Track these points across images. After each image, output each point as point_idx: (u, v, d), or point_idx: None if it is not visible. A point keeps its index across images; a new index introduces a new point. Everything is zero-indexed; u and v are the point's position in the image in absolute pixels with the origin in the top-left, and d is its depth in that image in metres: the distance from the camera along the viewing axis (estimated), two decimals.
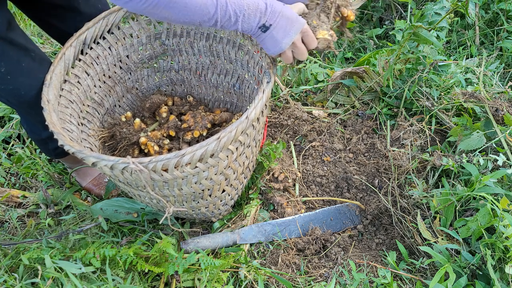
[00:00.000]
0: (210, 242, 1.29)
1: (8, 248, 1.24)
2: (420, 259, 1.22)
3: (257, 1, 0.97)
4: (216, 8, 0.92)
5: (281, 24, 1.00)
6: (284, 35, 1.01)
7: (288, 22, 1.01)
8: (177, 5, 0.89)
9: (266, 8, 0.98)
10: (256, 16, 0.97)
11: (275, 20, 0.99)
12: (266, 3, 0.98)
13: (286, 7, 1.02)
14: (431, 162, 1.40)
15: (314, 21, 1.10)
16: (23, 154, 1.69)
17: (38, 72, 1.15)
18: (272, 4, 0.99)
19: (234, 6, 0.94)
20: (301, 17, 1.05)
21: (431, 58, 1.54)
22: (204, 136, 1.48)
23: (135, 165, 0.90)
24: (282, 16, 0.99)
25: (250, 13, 0.96)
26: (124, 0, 0.86)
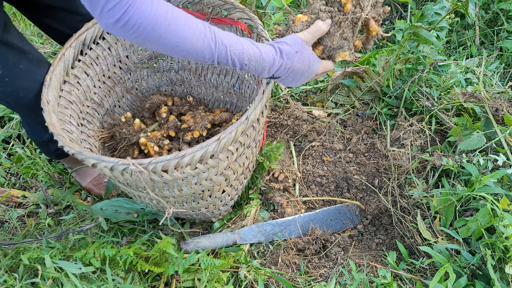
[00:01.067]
0: (210, 242, 1.29)
1: (8, 248, 1.24)
2: (420, 259, 1.22)
3: (265, 55, 0.89)
4: (213, 54, 0.85)
5: (290, 76, 0.95)
6: (293, 81, 0.98)
7: (298, 73, 0.95)
8: (168, 43, 0.81)
9: (272, 65, 0.91)
10: (258, 70, 0.91)
11: (283, 75, 0.94)
12: (275, 59, 0.90)
13: (300, 55, 0.92)
14: (431, 162, 1.40)
15: (335, 42, 0.99)
16: (23, 154, 1.69)
17: (36, 74, 1.14)
18: (283, 59, 0.91)
19: (234, 56, 0.87)
20: (317, 60, 0.97)
21: (431, 58, 1.54)
22: (204, 137, 1.48)
23: (135, 167, 0.90)
24: (292, 72, 0.93)
25: (251, 67, 0.90)
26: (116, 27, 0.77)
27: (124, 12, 0.74)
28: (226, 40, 0.86)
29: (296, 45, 0.93)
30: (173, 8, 0.80)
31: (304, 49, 0.94)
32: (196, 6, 1.37)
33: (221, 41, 0.85)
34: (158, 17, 0.77)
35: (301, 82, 0.99)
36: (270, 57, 0.90)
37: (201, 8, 1.36)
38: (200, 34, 0.82)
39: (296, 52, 0.92)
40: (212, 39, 0.84)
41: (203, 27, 0.83)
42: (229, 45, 0.86)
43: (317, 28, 0.96)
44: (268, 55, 0.90)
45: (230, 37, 0.87)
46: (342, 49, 1.00)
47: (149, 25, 0.77)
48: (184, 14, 0.82)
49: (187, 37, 0.81)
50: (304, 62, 0.94)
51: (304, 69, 0.95)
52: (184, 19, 0.81)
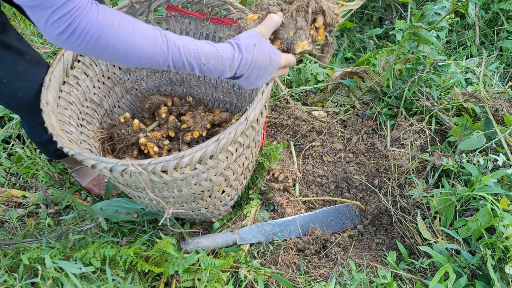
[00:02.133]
0: (210, 242, 1.29)
1: (8, 248, 1.24)
2: (420, 259, 1.22)
3: (223, 52, 0.86)
4: (167, 58, 0.82)
5: (253, 73, 0.91)
6: (257, 79, 0.94)
7: (261, 68, 0.91)
8: (116, 51, 0.78)
9: (232, 61, 0.87)
10: (219, 69, 0.87)
11: (246, 71, 0.90)
12: (234, 54, 0.87)
13: (259, 47, 0.89)
14: (431, 162, 1.40)
15: (291, 33, 0.98)
16: (23, 154, 1.69)
17: (35, 74, 1.14)
18: (242, 53, 0.87)
19: (190, 57, 0.83)
20: (277, 51, 0.95)
21: (431, 58, 1.54)
22: (204, 137, 1.48)
23: (134, 167, 0.90)
24: (255, 66, 0.90)
25: (210, 67, 0.86)
26: (60, 39, 0.74)
27: (70, 24, 0.72)
28: (179, 42, 0.83)
29: (252, 38, 0.90)
30: (121, 16, 0.78)
31: (261, 42, 0.91)
32: (196, 6, 1.37)
33: (174, 44, 0.82)
34: (104, 25, 0.75)
35: (266, 78, 0.95)
36: (229, 53, 0.87)
37: (200, 8, 1.36)
38: (150, 39, 0.80)
39: (254, 44, 0.89)
40: (163, 42, 0.81)
41: (154, 32, 0.81)
42: (182, 47, 0.83)
43: (271, 20, 0.94)
44: (226, 52, 0.86)
45: (184, 39, 0.84)
46: (300, 39, 0.99)
47: (95, 34, 0.75)
48: (133, 20, 0.80)
49: (136, 43, 0.79)
50: (264, 54, 0.91)
51: (266, 62, 0.92)
52: (133, 25, 0.79)
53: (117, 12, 0.79)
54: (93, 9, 0.74)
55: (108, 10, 0.77)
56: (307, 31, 1.00)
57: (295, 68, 1.90)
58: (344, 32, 2.27)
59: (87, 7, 0.73)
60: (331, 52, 1.08)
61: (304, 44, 0.99)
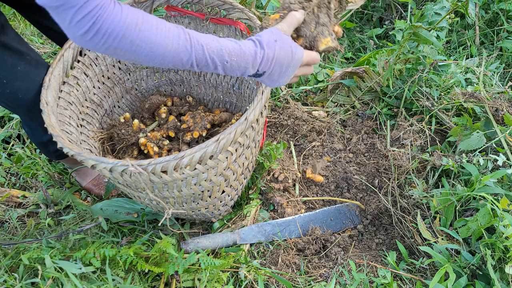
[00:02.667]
0: (210, 242, 1.29)
1: (8, 248, 1.24)
2: (420, 259, 1.22)
3: (245, 48, 0.85)
4: (190, 55, 0.82)
5: (276, 69, 0.90)
6: (280, 77, 0.93)
7: (283, 65, 0.90)
8: (141, 50, 0.78)
9: (255, 58, 0.86)
10: (241, 66, 0.86)
11: (268, 68, 0.89)
12: (256, 51, 0.86)
13: (281, 43, 0.88)
14: (431, 162, 1.40)
15: (313, 29, 0.96)
16: (23, 154, 1.69)
17: (35, 75, 1.14)
18: (264, 50, 0.86)
19: (213, 54, 0.83)
20: (300, 47, 0.93)
21: (431, 58, 1.54)
22: (204, 137, 1.48)
23: (134, 168, 0.90)
24: (276, 63, 0.89)
25: (233, 64, 0.85)
26: (85, 39, 0.74)
27: (94, 23, 0.72)
28: (202, 39, 0.83)
29: (274, 34, 0.89)
30: (143, 14, 0.78)
31: (283, 38, 0.90)
32: (195, 6, 1.37)
33: (197, 41, 0.82)
34: (129, 24, 0.75)
35: (288, 75, 0.94)
36: (251, 50, 0.86)
37: (200, 8, 1.36)
38: (174, 37, 0.80)
39: (276, 40, 0.88)
40: (187, 40, 0.81)
41: (177, 30, 0.81)
42: (205, 44, 0.82)
43: (292, 17, 0.93)
44: (248, 48, 0.86)
45: (207, 37, 0.84)
46: (323, 35, 0.97)
47: (120, 32, 0.74)
48: (156, 19, 0.80)
49: (160, 41, 0.79)
50: (286, 50, 0.90)
51: (288, 58, 0.90)
52: (156, 23, 0.79)
53: (140, 11, 0.79)
54: (116, 7, 0.74)
55: (131, 9, 0.77)
56: (330, 28, 0.98)
57: None
58: (344, 32, 2.27)
59: (110, 6, 0.73)
60: None
61: (328, 41, 0.97)
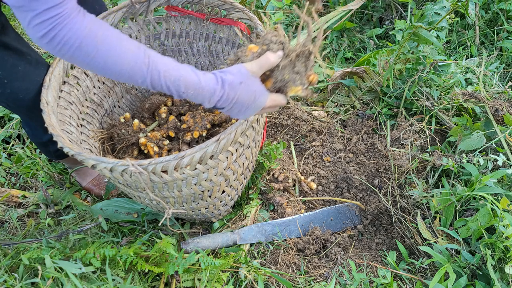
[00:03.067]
0: (210, 242, 1.29)
1: (8, 248, 1.24)
2: (420, 259, 1.22)
3: (204, 83, 0.85)
4: (145, 79, 0.81)
5: (235, 108, 0.90)
6: (239, 114, 0.92)
7: (243, 106, 0.90)
8: (96, 63, 0.78)
9: (213, 95, 0.85)
10: (198, 99, 0.86)
11: (227, 105, 0.88)
12: (216, 89, 0.85)
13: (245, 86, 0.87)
14: (431, 162, 1.40)
15: (286, 76, 0.94)
16: (23, 154, 1.69)
17: (35, 75, 1.14)
18: (225, 90, 0.86)
19: (169, 83, 0.83)
20: (264, 93, 0.92)
21: (431, 58, 1.54)
22: (204, 137, 1.48)
23: (134, 167, 0.90)
24: (237, 103, 0.88)
25: (189, 95, 0.85)
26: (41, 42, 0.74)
27: (50, 30, 0.72)
28: (161, 65, 0.82)
29: (241, 75, 0.88)
30: (108, 30, 0.78)
31: (249, 80, 0.89)
32: (196, 6, 1.37)
33: (155, 67, 0.82)
34: (87, 36, 0.75)
35: (248, 114, 0.93)
36: (210, 87, 0.85)
37: (200, 8, 1.36)
38: (132, 57, 0.80)
39: (240, 82, 0.87)
40: (145, 64, 0.81)
41: (137, 50, 0.80)
42: (163, 71, 0.82)
43: (266, 60, 0.91)
44: (208, 84, 0.85)
45: (168, 63, 0.83)
46: (294, 84, 0.95)
47: (75, 43, 0.74)
48: (119, 36, 0.80)
49: (117, 60, 0.79)
50: (249, 94, 0.89)
51: (250, 101, 0.90)
52: (117, 42, 0.78)
53: (105, 25, 0.78)
54: (79, 18, 0.74)
55: (97, 22, 0.77)
56: (303, 78, 0.96)
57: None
58: (344, 32, 2.27)
59: (71, 15, 0.73)
60: None
61: (297, 90, 0.96)
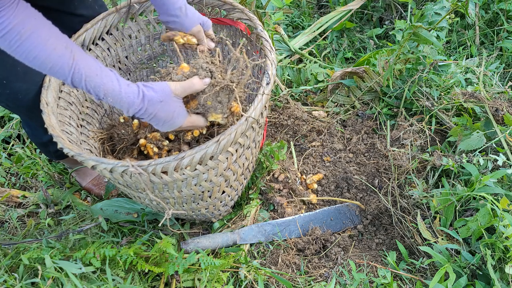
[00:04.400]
0: (210, 242, 1.29)
1: (8, 248, 1.24)
2: (420, 259, 1.22)
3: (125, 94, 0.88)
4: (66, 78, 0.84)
5: (153, 121, 0.94)
6: (158, 126, 0.97)
7: (161, 121, 0.94)
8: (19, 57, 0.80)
9: (131, 106, 0.89)
10: (117, 105, 0.90)
11: (145, 117, 0.93)
12: (135, 102, 0.89)
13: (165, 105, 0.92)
14: (431, 162, 1.40)
15: (209, 102, 1.00)
16: (23, 154, 1.69)
17: (35, 75, 1.14)
18: (144, 104, 0.90)
19: (90, 87, 0.87)
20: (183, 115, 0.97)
21: (431, 58, 1.54)
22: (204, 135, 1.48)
23: (134, 168, 0.90)
24: (154, 118, 0.93)
25: (108, 101, 0.89)
26: None
27: None
28: (85, 69, 0.85)
29: (163, 94, 0.92)
30: (35, 25, 0.79)
31: (171, 100, 0.93)
32: (195, 6, 1.37)
33: (79, 70, 0.84)
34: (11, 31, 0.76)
35: (165, 129, 0.98)
36: (130, 99, 0.89)
37: (200, 8, 1.36)
38: (55, 56, 0.82)
39: (161, 101, 0.91)
40: (68, 65, 0.83)
41: (64, 50, 0.82)
42: (86, 75, 0.85)
43: (190, 85, 0.96)
44: (128, 96, 0.89)
45: (92, 68, 0.86)
46: (215, 111, 1.01)
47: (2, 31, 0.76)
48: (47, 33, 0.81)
49: (40, 56, 0.80)
50: (167, 113, 0.94)
51: (168, 118, 0.95)
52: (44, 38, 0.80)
53: (36, 19, 0.80)
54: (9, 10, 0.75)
55: (26, 15, 0.78)
56: (225, 107, 1.02)
57: (295, 68, 1.90)
58: (344, 32, 2.27)
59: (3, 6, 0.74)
60: None
61: (217, 117, 1.02)
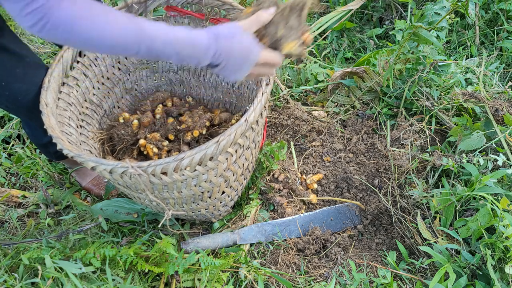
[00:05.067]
0: (210, 242, 1.29)
1: (8, 248, 1.24)
2: (420, 259, 1.22)
3: (197, 40, 0.84)
4: (140, 47, 0.81)
5: (230, 63, 0.88)
6: (235, 72, 0.91)
7: (238, 60, 0.89)
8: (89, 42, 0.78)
9: (208, 49, 0.85)
10: (193, 56, 0.85)
11: (222, 60, 0.88)
12: (210, 43, 0.85)
13: (238, 39, 0.87)
14: (431, 162, 1.40)
15: (280, 31, 0.93)
16: (23, 154, 1.69)
17: (34, 77, 1.14)
18: (218, 43, 0.85)
19: (166, 44, 0.82)
20: (258, 46, 0.91)
21: (431, 58, 1.54)
22: (204, 136, 1.48)
23: (134, 169, 0.90)
24: (231, 56, 0.87)
25: (185, 54, 0.84)
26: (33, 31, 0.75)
27: (40, 18, 0.72)
28: (153, 32, 0.82)
29: (233, 29, 0.88)
30: (94, 7, 0.78)
31: (241, 34, 0.89)
32: (195, 6, 1.37)
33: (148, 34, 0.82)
34: (76, 17, 0.75)
35: (244, 71, 0.92)
36: (204, 41, 0.85)
37: (200, 8, 1.36)
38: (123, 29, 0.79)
39: (233, 36, 0.87)
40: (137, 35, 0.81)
41: (128, 22, 0.80)
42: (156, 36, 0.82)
43: (257, 16, 0.91)
44: (202, 40, 0.85)
45: (160, 28, 0.83)
46: (289, 39, 0.93)
47: (67, 27, 0.75)
48: (107, 11, 0.79)
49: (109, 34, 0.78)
50: (242, 46, 0.88)
51: (244, 54, 0.89)
52: (106, 16, 0.78)
53: (94, 5, 0.78)
54: (67, 3, 0.74)
55: (85, 3, 0.77)
56: (298, 33, 0.95)
57: (295, 68, 1.90)
58: (344, 32, 2.26)
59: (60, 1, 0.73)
60: None
61: (292, 46, 0.94)
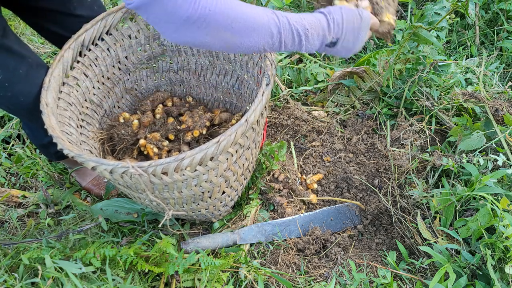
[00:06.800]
0: (210, 242, 1.29)
1: (8, 248, 1.24)
2: (420, 259, 1.22)
3: (317, 18, 0.91)
4: (279, 28, 0.87)
5: (349, 35, 0.94)
6: (355, 43, 0.96)
7: (354, 28, 0.94)
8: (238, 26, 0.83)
9: (328, 24, 0.91)
10: (319, 35, 0.91)
11: (341, 33, 0.93)
12: (328, 18, 0.91)
13: (345, 9, 0.93)
14: (431, 162, 1.40)
15: (383, 2, 1.02)
16: (23, 154, 1.69)
17: (36, 78, 1.14)
18: (333, 15, 0.92)
19: (297, 26, 0.88)
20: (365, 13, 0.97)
21: (431, 58, 1.54)
22: (204, 135, 1.48)
23: (134, 169, 0.90)
24: (347, 25, 0.93)
25: (313, 33, 0.90)
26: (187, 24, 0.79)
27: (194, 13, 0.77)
28: (283, 13, 0.89)
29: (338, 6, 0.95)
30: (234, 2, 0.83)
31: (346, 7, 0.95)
32: None
33: (281, 15, 0.88)
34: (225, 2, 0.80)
35: (362, 39, 0.97)
36: (322, 19, 0.91)
37: None
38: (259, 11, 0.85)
39: (340, 8, 0.94)
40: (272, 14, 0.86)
41: (259, 7, 0.87)
42: (288, 16, 0.88)
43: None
44: (320, 18, 0.91)
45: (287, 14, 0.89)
46: (389, 11, 1.03)
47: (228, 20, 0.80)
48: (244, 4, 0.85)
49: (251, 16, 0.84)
50: (353, 13, 0.94)
51: (357, 20, 0.94)
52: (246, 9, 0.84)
53: None
54: None
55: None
56: (394, 8, 1.05)
57: (295, 68, 1.90)
58: None
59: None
60: None
61: (390, 16, 1.03)
